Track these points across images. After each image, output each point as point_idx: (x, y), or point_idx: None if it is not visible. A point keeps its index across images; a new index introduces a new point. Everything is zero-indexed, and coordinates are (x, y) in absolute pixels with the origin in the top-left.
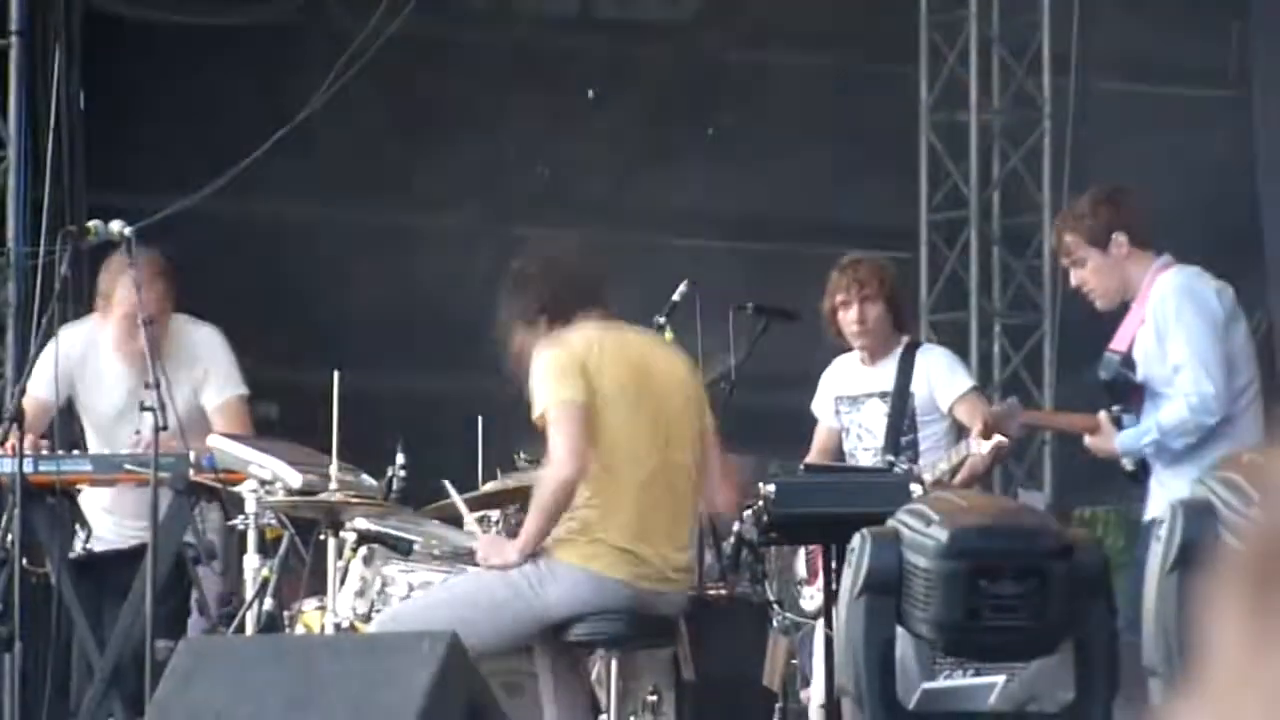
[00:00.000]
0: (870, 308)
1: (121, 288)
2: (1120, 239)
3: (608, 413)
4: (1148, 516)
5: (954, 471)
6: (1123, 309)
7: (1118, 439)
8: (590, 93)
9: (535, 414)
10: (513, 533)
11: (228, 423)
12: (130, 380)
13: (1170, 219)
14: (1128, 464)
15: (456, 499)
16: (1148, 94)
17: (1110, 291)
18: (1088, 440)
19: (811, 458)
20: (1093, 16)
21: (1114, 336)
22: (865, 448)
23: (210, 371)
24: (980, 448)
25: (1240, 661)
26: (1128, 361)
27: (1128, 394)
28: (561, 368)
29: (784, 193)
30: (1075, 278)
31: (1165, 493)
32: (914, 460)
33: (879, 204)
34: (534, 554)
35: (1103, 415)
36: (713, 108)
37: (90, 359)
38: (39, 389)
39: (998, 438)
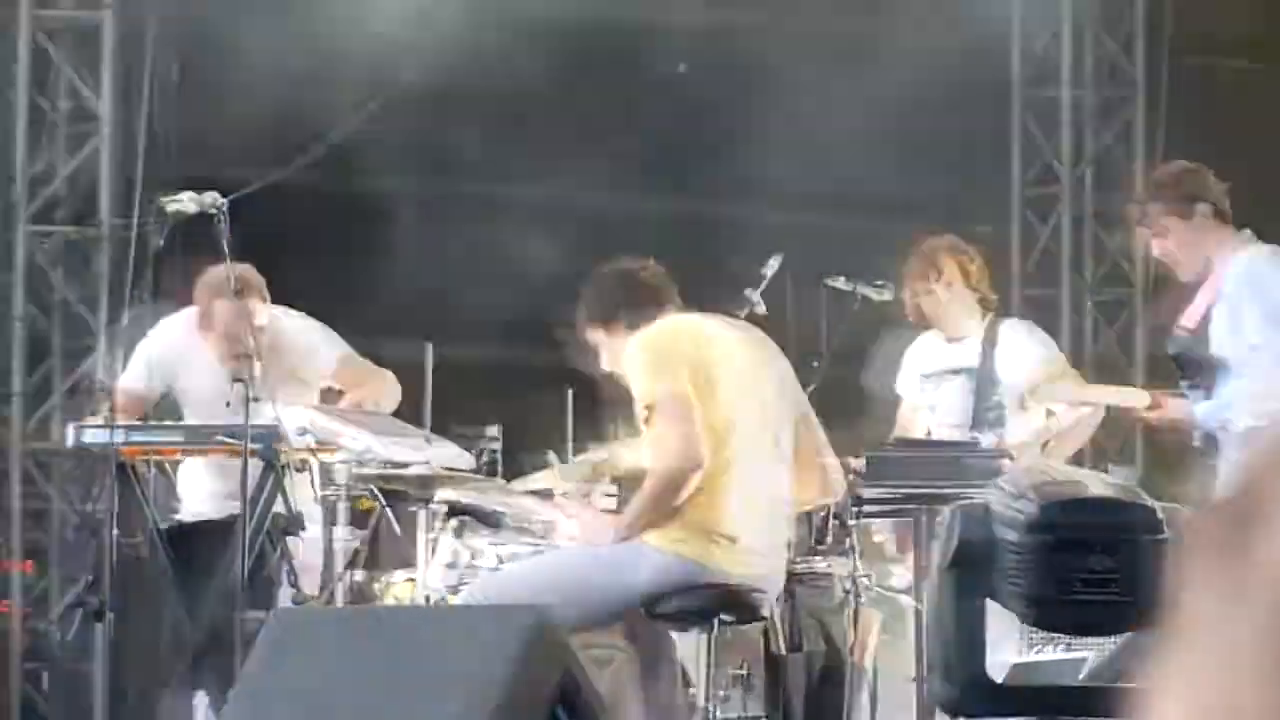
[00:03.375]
0: (947, 291)
1: (219, 308)
2: (1204, 209)
3: (701, 398)
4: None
5: (1042, 446)
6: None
7: (1198, 410)
8: (681, 66)
9: (639, 407)
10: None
11: (352, 375)
12: (231, 373)
13: (1263, 197)
14: (1196, 439)
15: (558, 476)
16: (1241, 70)
17: (1192, 263)
18: (1149, 416)
19: (897, 435)
20: None
21: (1185, 312)
22: (950, 424)
23: (311, 351)
24: (1067, 419)
25: (1209, 616)
26: (1197, 338)
27: (1197, 370)
28: (659, 357)
29: (877, 167)
30: (1157, 248)
31: (1227, 473)
32: (1001, 435)
33: (972, 179)
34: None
35: (1156, 394)
36: (806, 81)
37: (191, 353)
38: (136, 383)
39: (1084, 408)
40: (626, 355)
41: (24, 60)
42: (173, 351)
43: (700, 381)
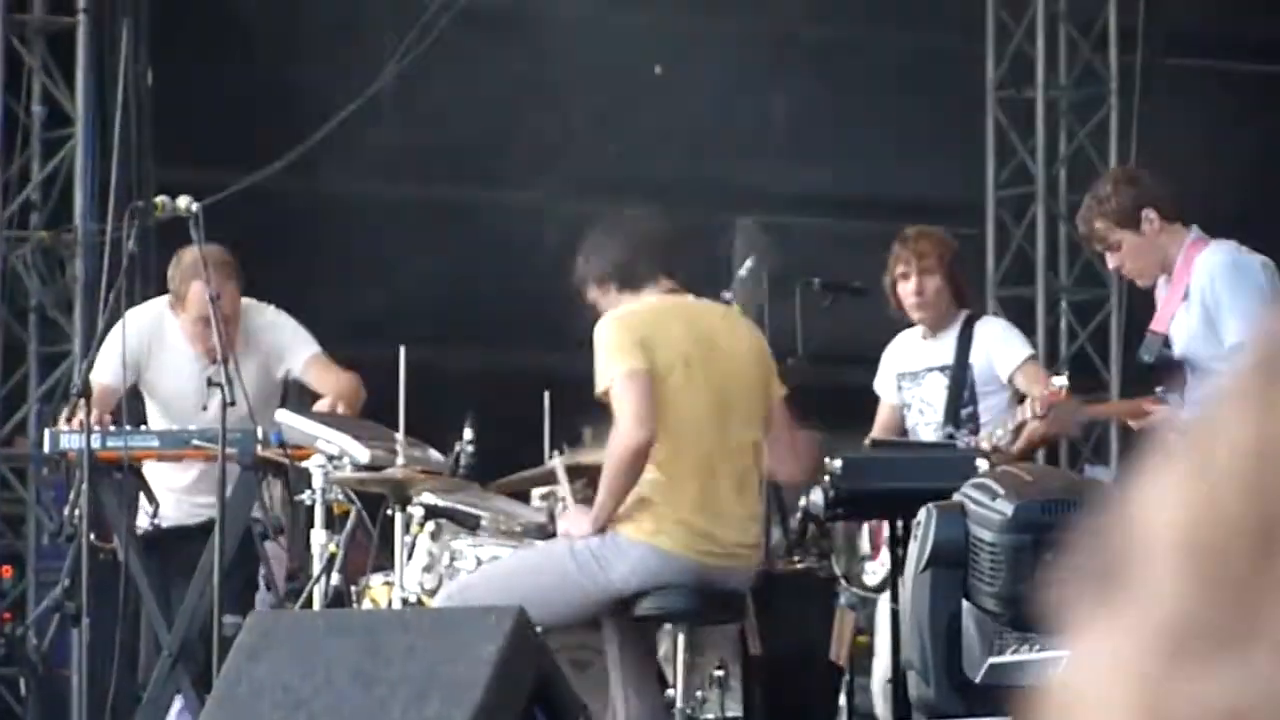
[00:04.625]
0: (929, 280)
1: (194, 290)
2: (1150, 215)
3: (670, 385)
4: None
5: (1013, 435)
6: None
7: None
8: (658, 68)
9: (599, 389)
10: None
11: (324, 374)
12: (201, 367)
13: (1236, 196)
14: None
15: (562, 479)
16: (1213, 69)
17: (1149, 270)
18: (1134, 424)
19: (875, 436)
20: None
21: (1155, 316)
22: (926, 422)
23: (285, 343)
24: (1038, 411)
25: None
26: (1169, 341)
27: (1169, 374)
28: (621, 340)
29: (851, 168)
30: (1113, 262)
31: None
32: (974, 432)
33: (946, 180)
34: (602, 528)
35: (1143, 403)
36: (780, 84)
37: (158, 343)
38: (105, 375)
39: (1051, 403)
40: (596, 334)
41: None
42: (143, 338)
43: (669, 367)
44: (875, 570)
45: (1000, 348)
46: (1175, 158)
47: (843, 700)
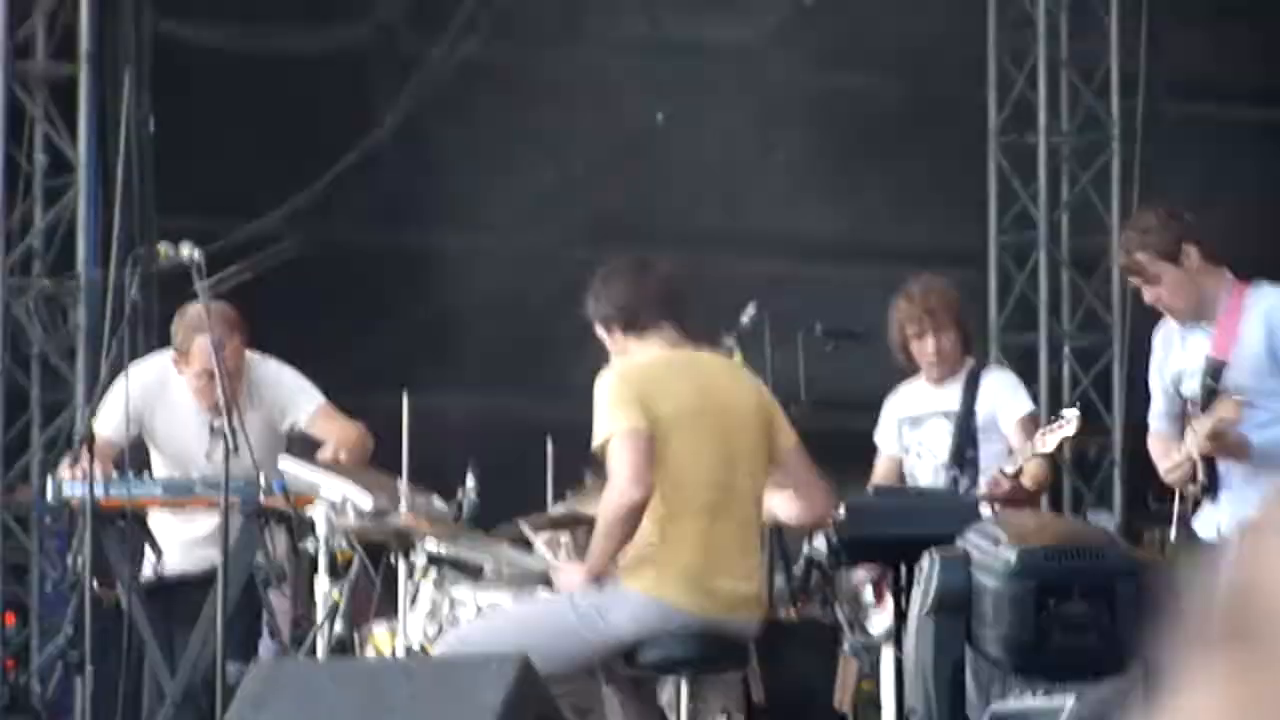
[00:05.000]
0: (945, 337)
1: (198, 345)
2: (1190, 250)
3: (671, 439)
4: (1214, 531)
5: (1015, 475)
6: None
7: (1256, 444)
8: (660, 116)
9: (595, 442)
10: (582, 554)
11: (330, 424)
12: (205, 418)
13: (1237, 241)
14: (1200, 475)
15: (532, 537)
16: (1216, 115)
17: (1187, 306)
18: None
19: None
20: (1160, 38)
21: (1215, 346)
22: (925, 466)
23: (290, 397)
24: (1045, 445)
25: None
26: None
27: (1214, 403)
28: (620, 397)
29: (853, 215)
30: (1150, 295)
31: (1235, 510)
32: (974, 477)
33: (948, 226)
34: (601, 580)
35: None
36: (782, 130)
37: (162, 397)
38: (107, 429)
39: (1061, 435)
40: (596, 388)
41: (0, 113)
42: (147, 392)
43: (673, 420)
44: (879, 620)
45: (1007, 400)
46: (1177, 203)
47: None
